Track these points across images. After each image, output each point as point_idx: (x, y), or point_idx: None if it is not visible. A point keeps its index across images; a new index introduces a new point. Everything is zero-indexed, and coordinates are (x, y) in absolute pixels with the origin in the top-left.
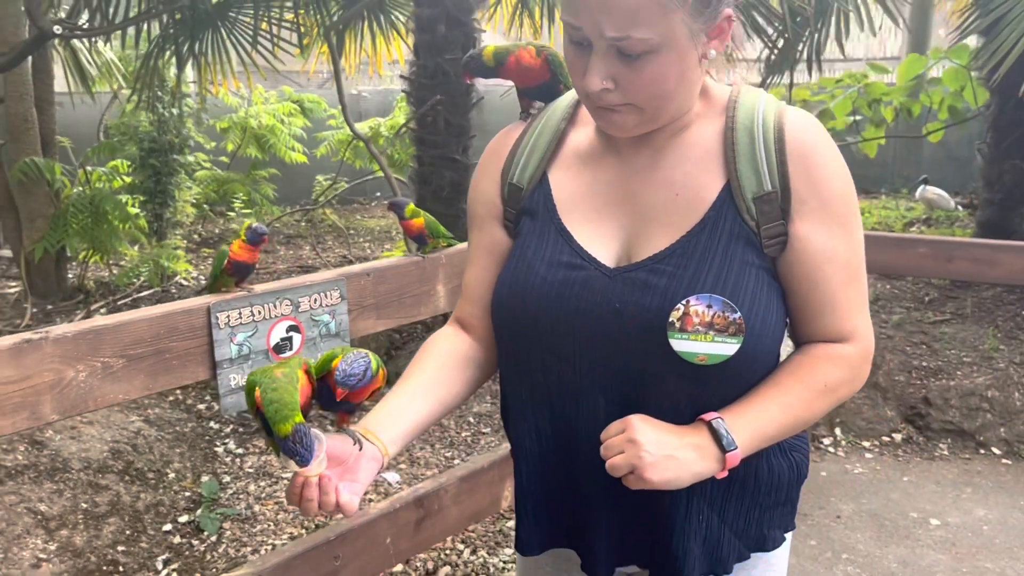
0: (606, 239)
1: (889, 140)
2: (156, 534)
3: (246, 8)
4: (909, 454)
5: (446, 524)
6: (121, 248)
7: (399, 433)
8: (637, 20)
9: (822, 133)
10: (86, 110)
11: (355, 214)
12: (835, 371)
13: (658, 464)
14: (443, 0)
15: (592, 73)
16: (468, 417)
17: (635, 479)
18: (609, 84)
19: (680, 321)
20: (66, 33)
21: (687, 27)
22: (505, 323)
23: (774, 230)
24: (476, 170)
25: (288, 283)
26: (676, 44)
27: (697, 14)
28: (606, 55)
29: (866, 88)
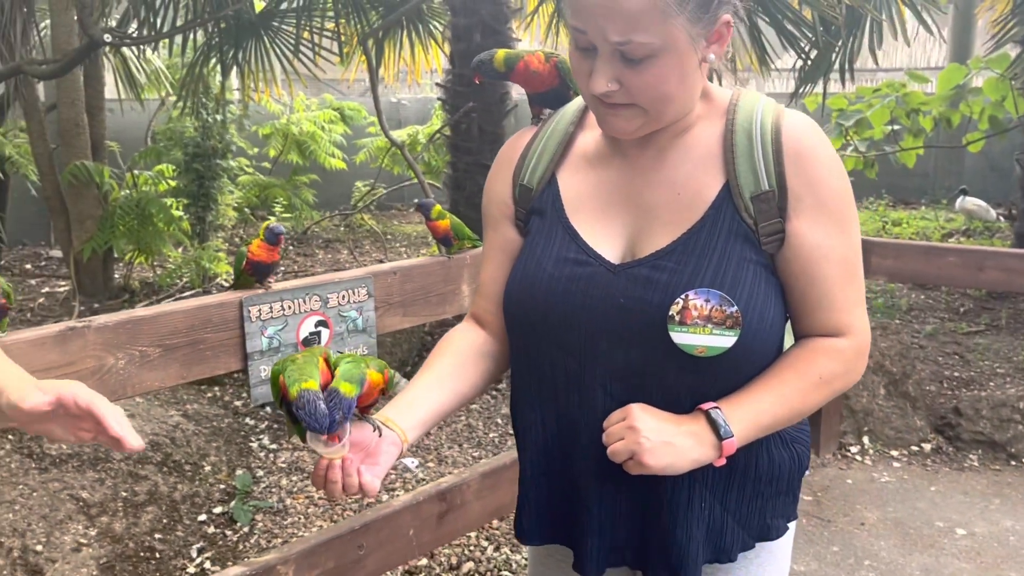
0: (611, 237)
1: (930, 150)
2: (191, 523)
3: (288, 18)
4: (938, 464)
5: (468, 519)
6: (165, 249)
7: (417, 421)
8: (639, 25)
9: (818, 135)
10: (134, 116)
11: (392, 219)
12: (830, 364)
13: (656, 450)
14: (479, 10)
15: (597, 75)
16: (496, 418)
17: (634, 464)
18: (613, 86)
19: (680, 315)
20: (115, 41)
21: (687, 32)
22: (515, 317)
23: (772, 228)
24: (490, 173)
25: (317, 280)
26: (676, 48)
27: (696, 20)
28: (610, 59)
29: (904, 97)
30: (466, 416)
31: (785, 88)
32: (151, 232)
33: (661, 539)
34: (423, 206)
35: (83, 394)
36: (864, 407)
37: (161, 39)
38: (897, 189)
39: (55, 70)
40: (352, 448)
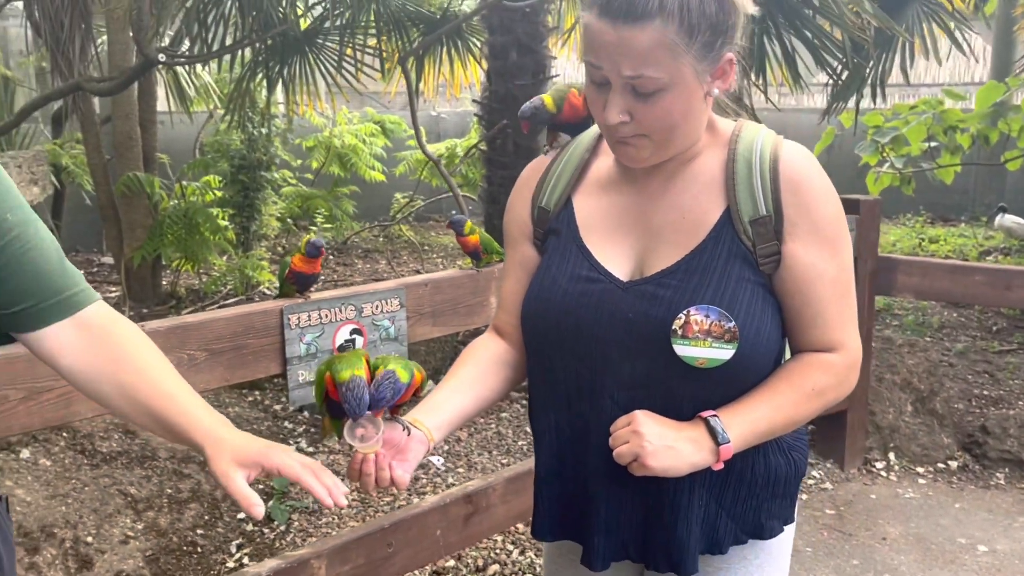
0: (621, 256)
1: (970, 167)
2: (231, 521)
3: (332, 35)
4: (964, 482)
5: (493, 521)
6: (211, 257)
7: (443, 422)
8: (649, 62)
9: (813, 164)
10: (184, 129)
11: (430, 231)
12: (823, 377)
13: (658, 453)
14: (515, 29)
15: (611, 108)
16: (524, 427)
17: (638, 466)
18: (625, 117)
19: (682, 328)
20: (169, 60)
21: (693, 68)
22: (532, 329)
23: (769, 250)
24: (511, 195)
25: (353, 290)
26: (684, 83)
27: (702, 58)
28: (623, 92)
29: (941, 115)
30: (496, 424)
31: (820, 104)
32: (198, 241)
33: (664, 536)
34: (455, 223)
35: (289, 467)
36: (890, 423)
37: (212, 58)
38: (936, 206)
39: (112, 87)
40: (383, 446)
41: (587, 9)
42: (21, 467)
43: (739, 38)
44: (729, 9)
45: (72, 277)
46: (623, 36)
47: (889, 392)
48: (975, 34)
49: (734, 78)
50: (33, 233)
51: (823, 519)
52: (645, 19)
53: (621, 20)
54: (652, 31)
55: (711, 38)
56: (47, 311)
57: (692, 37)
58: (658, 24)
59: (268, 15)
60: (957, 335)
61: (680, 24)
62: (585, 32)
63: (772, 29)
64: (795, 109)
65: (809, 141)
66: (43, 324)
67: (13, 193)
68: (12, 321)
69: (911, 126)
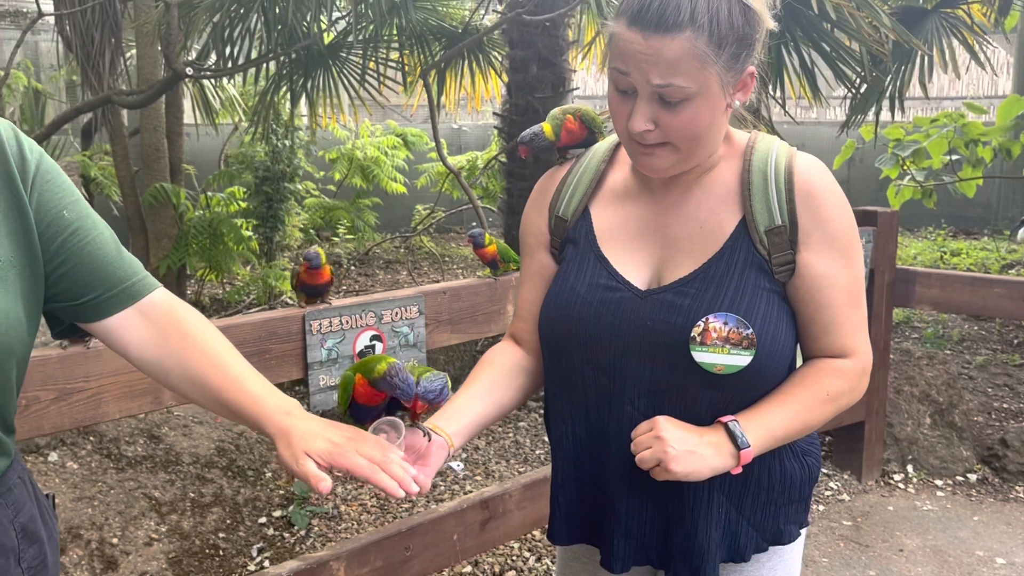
0: (638, 265)
1: (993, 181)
2: (252, 525)
3: (355, 49)
4: (983, 495)
5: (509, 527)
6: (234, 268)
7: (462, 427)
8: (679, 71)
9: (826, 175)
10: (209, 141)
11: (451, 242)
12: (837, 382)
13: (680, 458)
14: (535, 42)
15: (636, 116)
16: (542, 436)
17: (661, 471)
18: (650, 126)
19: (701, 336)
20: (196, 74)
21: (720, 79)
22: (551, 336)
23: (783, 259)
24: (527, 205)
25: (373, 297)
26: (709, 93)
27: (728, 68)
28: (649, 101)
29: (963, 128)
30: (514, 433)
31: (841, 117)
32: (222, 251)
33: (683, 541)
34: (474, 236)
35: (359, 469)
36: (909, 436)
37: (238, 71)
38: (958, 219)
39: (141, 100)
40: (405, 451)
41: (616, 18)
42: (49, 470)
43: (760, 52)
44: (755, 23)
45: (132, 266)
46: (653, 45)
47: (907, 404)
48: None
49: (752, 91)
50: (91, 226)
51: (840, 530)
52: (676, 29)
53: (652, 29)
54: (683, 41)
55: (737, 50)
56: (110, 301)
57: (721, 48)
58: (689, 34)
59: (292, 29)
60: (977, 348)
61: (710, 35)
62: (613, 41)
63: (791, 42)
64: (815, 122)
65: (829, 154)
66: (108, 314)
67: (68, 188)
68: (79, 312)
69: (932, 139)
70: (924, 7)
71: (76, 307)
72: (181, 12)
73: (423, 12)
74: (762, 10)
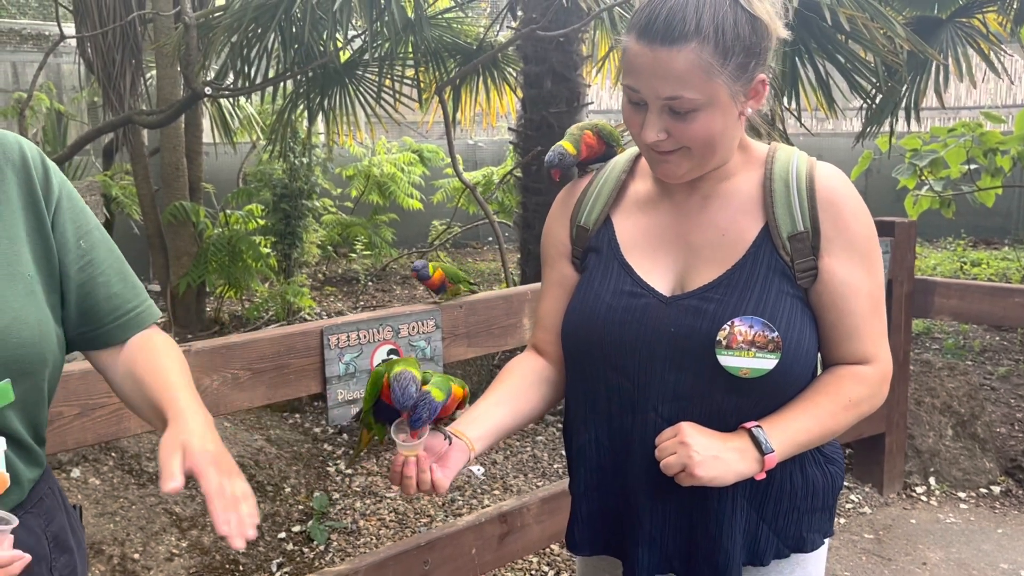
0: (662, 272)
1: (1013, 190)
2: (272, 540)
3: (371, 67)
4: (1007, 507)
5: (528, 541)
6: (253, 284)
7: (483, 433)
8: (686, 83)
9: (847, 183)
10: (227, 159)
11: (467, 257)
12: (859, 388)
13: (706, 463)
14: (549, 58)
15: (648, 128)
16: (560, 450)
17: (686, 476)
18: (662, 135)
19: (726, 339)
20: (214, 93)
21: (728, 89)
22: (575, 343)
23: (806, 264)
24: (548, 216)
25: (390, 312)
26: (719, 103)
27: (736, 78)
28: (660, 113)
29: (981, 137)
30: (532, 447)
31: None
32: (240, 268)
33: (708, 547)
34: (417, 269)
35: (208, 485)
36: (930, 448)
37: (255, 90)
38: (977, 229)
39: (161, 120)
40: (426, 451)
41: (627, 33)
42: (72, 485)
43: (771, 60)
44: (762, 32)
45: (130, 298)
46: (660, 58)
47: (929, 416)
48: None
49: (766, 98)
50: (102, 258)
51: (862, 543)
52: (681, 41)
53: (658, 42)
54: (688, 53)
55: (745, 60)
56: (103, 337)
57: (727, 59)
58: (694, 46)
59: (309, 48)
60: (999, 359)
61: (715, 47)
62: (624, 55)
63: (805, 54)
64: (831, 134)
65: (846, 165)
66: (96, 347)
67: (87, 216)
68: (72, 340)
69: (949, 149)
70: (939, 17)
71: (71, 336)
72: (200, 33)
73: (438, 29)
74: (770, 20)
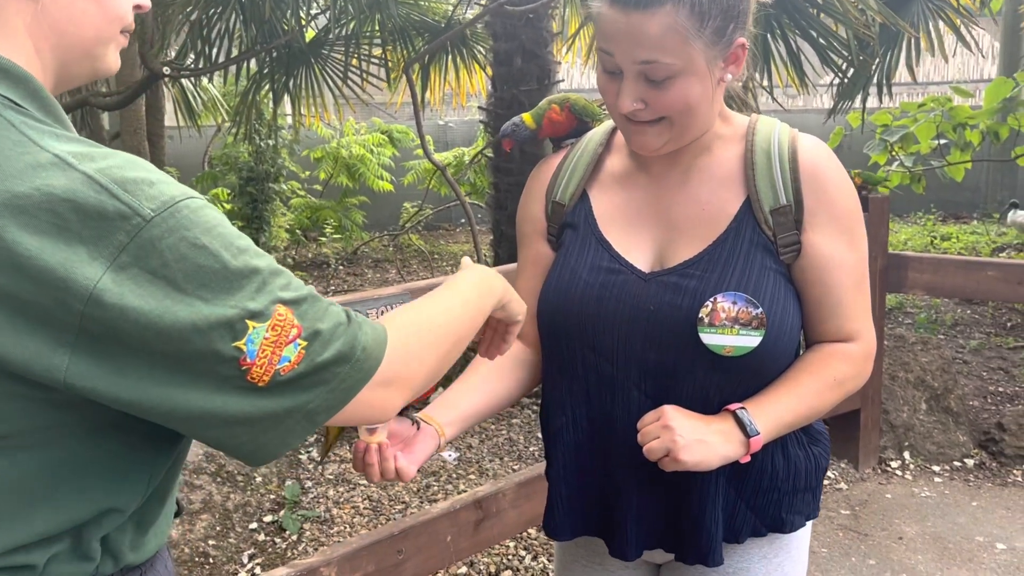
0: (641, 248)
1: (981, 164)
2: (243, 531)
3: (337, 46)
4: (980, 479)
5: (504, 526)
6: None
7: (455, 417)
8: (661, 48)
9: (830, 155)
10: (192, 143)
11: (440, 239)
12: (843, 367)
13: (690, 447)
14: (519, 35)
15: (624, 96)
16: (536, 432)
17: (670, 461)
18: (639, 105)
19: (709, 316)
20: (174, 74)
21: (704, 55)
22: (551, 322)
23: (789, 239)
24: (523, 195)
25: (358, 296)
26: (696, 69)
27: (713, 43)
28: (635, 80)
29: (950, 112)
30: (507, 430)
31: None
32: None
33: (691, 526)
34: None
35: None
36: (905, 422)
37: (216, 70)
38: (947, 204)
39: (119, 101)
40: (391, 440)
41: None
42: None
43: (751, 24)
44: None
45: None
46: (633, 22)
47: (903, 390)
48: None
49: (745, 64)
50: None
51: (838, 519)
52: (655, 5)
53: (632, 6)
54: (663, 16)
55: (722, 23)
56: None
57: (703, 23)
58: (668, 9)
59: (272, 27)
60: (971, 332)
61: (691, 10)
62: (596, 21)
63: (777, 29)
64: (802, 110)
65: None
66: None
67: None
68: None
69: (920, 124)
70: None
71: None
72: (156, 10)
73: (405, 7)
74: None
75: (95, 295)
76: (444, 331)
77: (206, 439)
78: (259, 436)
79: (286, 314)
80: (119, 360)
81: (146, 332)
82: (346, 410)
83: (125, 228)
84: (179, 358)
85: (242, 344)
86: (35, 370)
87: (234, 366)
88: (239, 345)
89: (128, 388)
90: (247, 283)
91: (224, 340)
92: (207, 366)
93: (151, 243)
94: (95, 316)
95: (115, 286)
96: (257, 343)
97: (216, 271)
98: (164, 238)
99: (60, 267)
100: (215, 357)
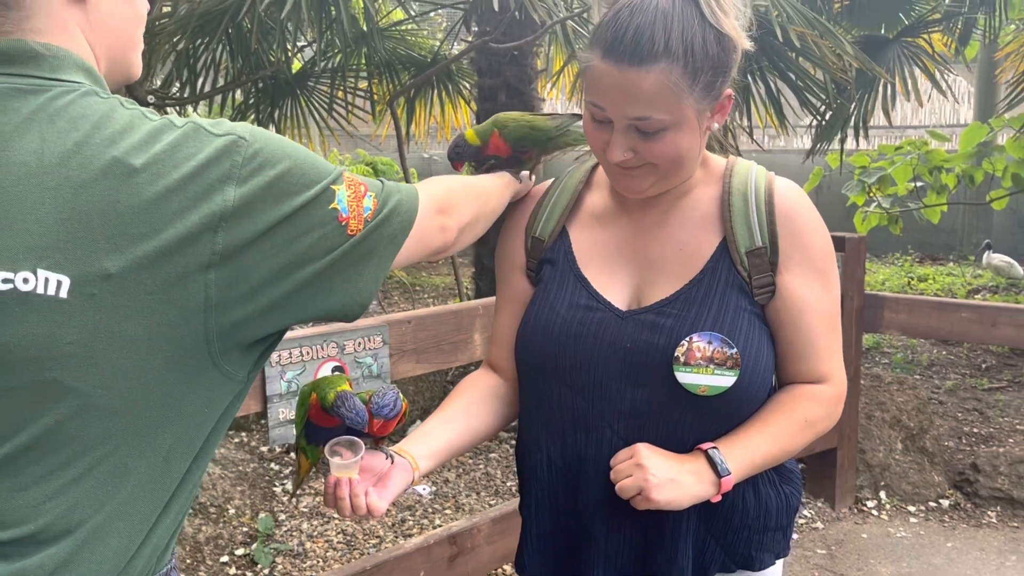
0: (618, 286)
1: (957, 207)
2: (214, 564)
3: (323, 78)
4: (955, 520)
5: (479, 562)
6: None
7: (431, 451)
8: (654, 105)
9: (805, 199)
10: None
11: (421, 271)
12: (815, 408)
13: (662, 486)
14: (504, 71)
15: (614, 147)
16: (513, 468)
17: (642, 499)
18: (629, 155)
19: (684, 355)
20: (159, 102)
21: (695, 108)
22: (528, 358)
23: (763, 280)
24: (502, 230)
25: (335, 327)
26: (686, 122)
27: (703, 97)
28: (626, 132)
29: (927, 155)
30: (485, 465)
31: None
32: None
33: (664, 566)
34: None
35: None
36: (881, 462)
37: (202, 99)
38: (924, 245)
39: None
40: (363, 474)
41: (590, 50)
42: None
43: (735, 74)
44: (729, 48)
45: None
46: (627, 78)
47: (879, 430)
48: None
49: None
50: None
51: (814, 559)
52: (650, 62)
53: (626, 62)
54: (657, 74)
55: (712, 78)
56: None
57: (696, 79)
58: (663, 67)
59: (259, 58)
60: (947, 372)
61: (685, 67)
62: (588, 72)
63: (757, 71)
64: (783, 150)
65: (797, 182)
66: None
67: None
68: None
69: (897, 166)
70: (886, 36)
71: None
72: (144, 39)
73: (391, 41)
74: (736, 34)
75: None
76: (476, 192)
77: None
78: (357, 277)
79: (351, 175)
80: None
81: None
82: (417, 234)
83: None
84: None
85: (335, 204)
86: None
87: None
88: (334, 206)
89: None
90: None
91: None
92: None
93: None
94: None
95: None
96: (345, 201)
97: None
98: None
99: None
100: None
